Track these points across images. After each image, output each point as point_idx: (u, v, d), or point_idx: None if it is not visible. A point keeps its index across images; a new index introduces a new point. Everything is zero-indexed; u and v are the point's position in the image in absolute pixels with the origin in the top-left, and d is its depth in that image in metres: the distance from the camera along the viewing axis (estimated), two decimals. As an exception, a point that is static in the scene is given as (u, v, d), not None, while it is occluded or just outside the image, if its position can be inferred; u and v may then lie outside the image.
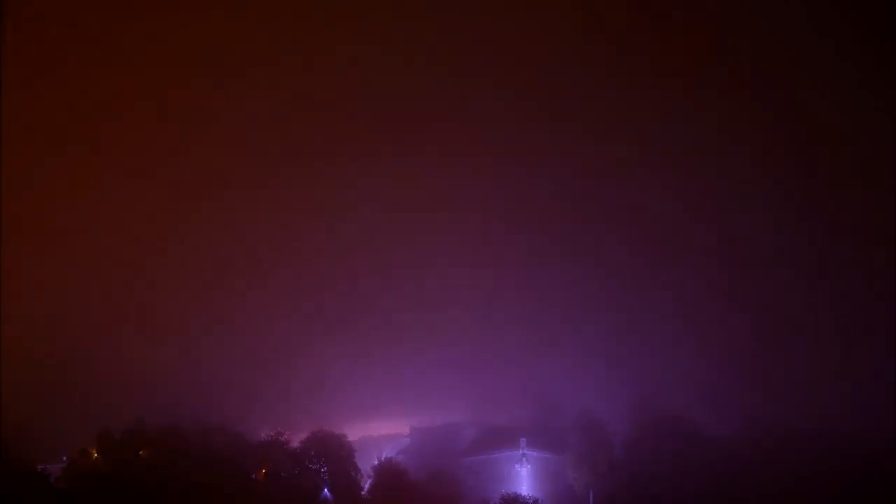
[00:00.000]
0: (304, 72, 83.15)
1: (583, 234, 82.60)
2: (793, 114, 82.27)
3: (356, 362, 78.44)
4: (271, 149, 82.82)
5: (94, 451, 68.65)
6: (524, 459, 75.49)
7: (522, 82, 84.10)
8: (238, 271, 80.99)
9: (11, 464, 61.87)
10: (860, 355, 75.10)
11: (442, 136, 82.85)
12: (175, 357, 76.20)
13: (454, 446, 76.91)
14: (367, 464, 72.78)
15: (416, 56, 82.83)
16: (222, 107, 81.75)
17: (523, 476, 75.07)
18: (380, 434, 78.87)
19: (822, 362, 75.92)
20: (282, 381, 77.41)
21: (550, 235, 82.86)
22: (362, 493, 70.68)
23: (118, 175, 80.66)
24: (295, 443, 71.58)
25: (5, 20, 69.48)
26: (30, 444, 64.82)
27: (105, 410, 70.79)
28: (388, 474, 70.62)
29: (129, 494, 61.62)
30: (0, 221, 69.72)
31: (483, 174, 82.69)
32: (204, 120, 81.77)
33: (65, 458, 68.65)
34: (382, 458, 73.76)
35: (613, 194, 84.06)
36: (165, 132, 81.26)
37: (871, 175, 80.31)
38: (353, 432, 73.61)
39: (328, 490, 69.35)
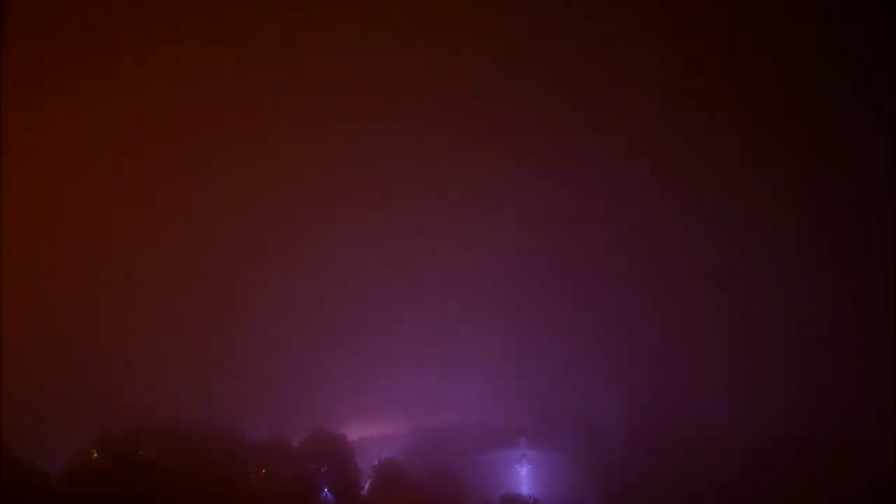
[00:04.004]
0: (296, 66, 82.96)
1: (582, 235, 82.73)
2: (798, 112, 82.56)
3: (356, 362, 78.51)
4: (271, 148, 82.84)
5: (94, 451, 68.58)
6: (524, 459, 75.53)
7: (523, 83, 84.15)
8: (238, 271, 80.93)
9: (11, 464, 61.79)
10: (859, 354, 75.35)
11: (444, 137, 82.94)
12: (175, 357, 76.22)
13: (454, 446, 76.89)
14: (367, 464, 72.84)
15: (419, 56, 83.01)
16: (222, 107, 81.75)
17: (523, 476, 75.11)
18: (380, 434, 78.78)
19: (822, 362, 76.01)
20: (282, 381, 77.42)
21: (550, 235, 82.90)
22: (362, 493, 70.72)
23: (119, 174, 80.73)
24: (295, 443, 71.62)
25: (5, 20, 69.40)
26: (30, 445, 64.71)
27: (105, 410, 70.81)
28: (388, 474, 70.68)
29: (129, 494, 61.57)
30: (0, 221, 69.70)
31: (484, 174, 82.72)
32: (204, 120, 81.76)
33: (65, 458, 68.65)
34: (382, 458, 73.78)
35: (612, 195, 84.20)
36: (167, 129, 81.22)
37: (869, 174, 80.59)
38: (353, 432, 73.59)
39: (328, 490, 69.35)
